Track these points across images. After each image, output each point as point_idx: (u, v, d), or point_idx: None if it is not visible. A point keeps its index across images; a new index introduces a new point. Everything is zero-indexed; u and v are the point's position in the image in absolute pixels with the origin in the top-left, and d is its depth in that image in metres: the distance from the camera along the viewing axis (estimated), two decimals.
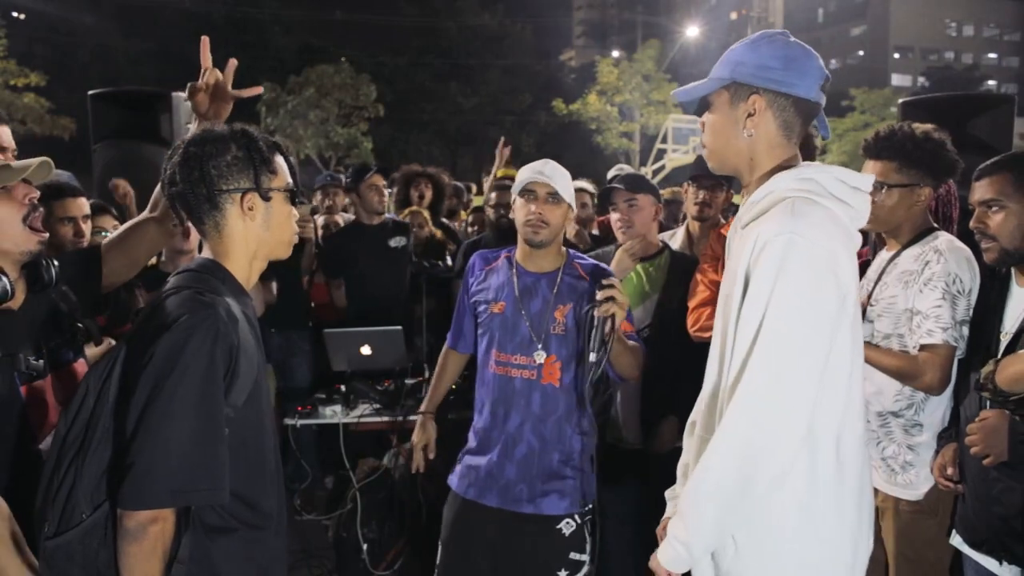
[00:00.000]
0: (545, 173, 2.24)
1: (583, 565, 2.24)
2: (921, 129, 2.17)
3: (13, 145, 2.15)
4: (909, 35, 46.85)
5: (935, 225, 2.24)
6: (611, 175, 4.82)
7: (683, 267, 2.79)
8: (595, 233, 4.27)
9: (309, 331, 4.27)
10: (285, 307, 3.88)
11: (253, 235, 1.54)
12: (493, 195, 3.93)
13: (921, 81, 42.07)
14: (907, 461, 2.15)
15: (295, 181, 1.61)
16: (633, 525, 2.65)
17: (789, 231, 1.37)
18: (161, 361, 1.34)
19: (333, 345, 3.59)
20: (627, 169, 5.21)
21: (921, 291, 2.08)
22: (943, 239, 2.14)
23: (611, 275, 2.19)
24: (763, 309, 1.38)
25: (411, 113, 30.99)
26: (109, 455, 1.38)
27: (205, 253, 1.56)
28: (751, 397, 1.38)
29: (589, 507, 2.27)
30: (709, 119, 1.57)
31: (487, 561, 2.26)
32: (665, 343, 2.67)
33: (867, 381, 2.18)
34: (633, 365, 2.23)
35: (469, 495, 2.28)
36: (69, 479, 1.39)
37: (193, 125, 1.88)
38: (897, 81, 43.45)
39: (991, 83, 41.95)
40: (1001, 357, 1.90)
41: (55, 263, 1.77)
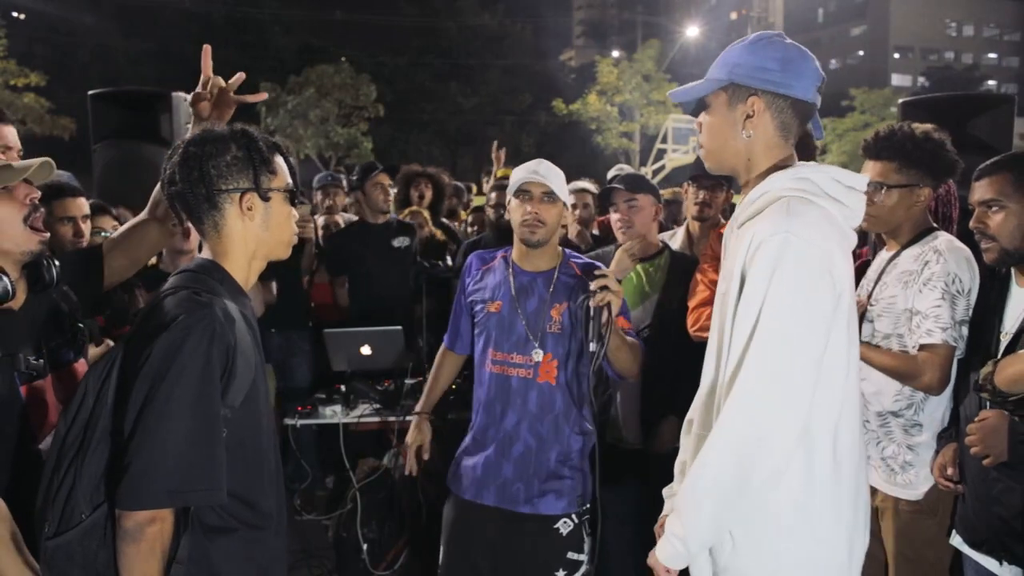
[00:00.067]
0: (540, 172, 2.24)
1: (581, 565, 2.24)
2: (921, 129, 2.17)
3: (18, 145, 2.16)
4: (909, 35, 46.83)
5: (935, 225, 2.24)
6: (611, 175, 4.82)
7: (683, 267, 2.79)
8: (595, 233, 4.27)
9: (309, 331, 4.27)
10: (285, 307, 3.88)
11: (252, 235, 1.54)
12: (493, 195, 3.93)
13: (921, 81, 42.06)
14: (907, 461, 2.15)
15: (295, 181, 1.61)
16: (633, 525, 2.65)
17: (784, 230, 1.38)
18: (158, 361, 1.34)
19: (333, 345, 3.59)
20: (627, 169, 5.21)
21: (920, 291, 2.09)
22: (943, 239, 2.14)
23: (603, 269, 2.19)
24: (759, 308, 1.39)
25: (411, 113, 30.98)
26: (108, 455, 1.38)
27: (204, 253, 1.56)
28: (747, 395, 1.39)
29: (587, 507, 2.27)
30: (707, 120, 1.57)
31: (488, 561, 2.26)
32: (665, 343, 2.67)
33: (867, 381, 2.19)
34: (632, 361, 2.22)
35: (467, 495, 2.28)
36: (69, 479, 1.39)
37: (192, 127, 1.88)
38: (897, 81, 43.42)
39: (991, 83, 41.94)
40: (1000, 358, 1.90)
41: (56, 263, 1.78)
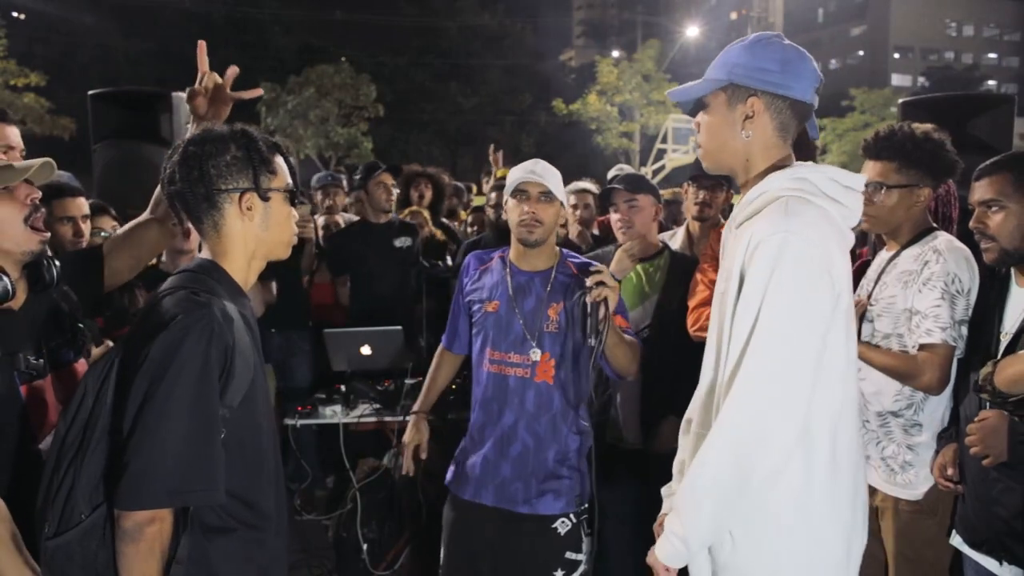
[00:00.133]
0: (537, 172, 2.24)
1: (579, 565, 2.24)
2: (921, 129, 2.17)
3: (21, 145, 2.16)
4: (909, 35, 46.80)
5: (935, 225, 2.24)
6: (611, 175, 4.82)
7: (683, 267, 2.79)
8: (595, 233, 4.27)
9: (309, 331, 4.27)
10: (285, 307, 3.88)
11: (251, 235, 1.54)
12: (493, 195, 3.94)
13: (921, 81, 42.03)
14: (906, 461, 2.15)
15: (295, 182, 1.61)
16: (633, 525, 2.65)
17: (784, 230, 1.39)
18: (156, 362, 1.34)
19: (333, 345, 3.59)
20: (627, 169, 5.20)
21: (920, 291, 2.09)
22: (942, 239, 2.14)
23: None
24: (758, 307, 1.39)
25: (411, 113, 30.96)
26: (107, 455, 1.38)
27: (204, 253, 1.56)
28: (747, 394, 1.40)
29: (585, 507, 2.27)
30: (705, 119, 1.58)
31: (488, 562, 2.26)
32: (665, 343, 2.67)
33: (867, 381, 2.19)
34: (629, 359, 2.21)
35: (466, 495, 2.29)
36: (68, 480, 1.39)
37: (192, 126, 1.88)
38: (897, 81, 43.39)
39: (991, 83, 41.90)
40: (1000, 358, 1.90)
41: (56, 263, 1.78)
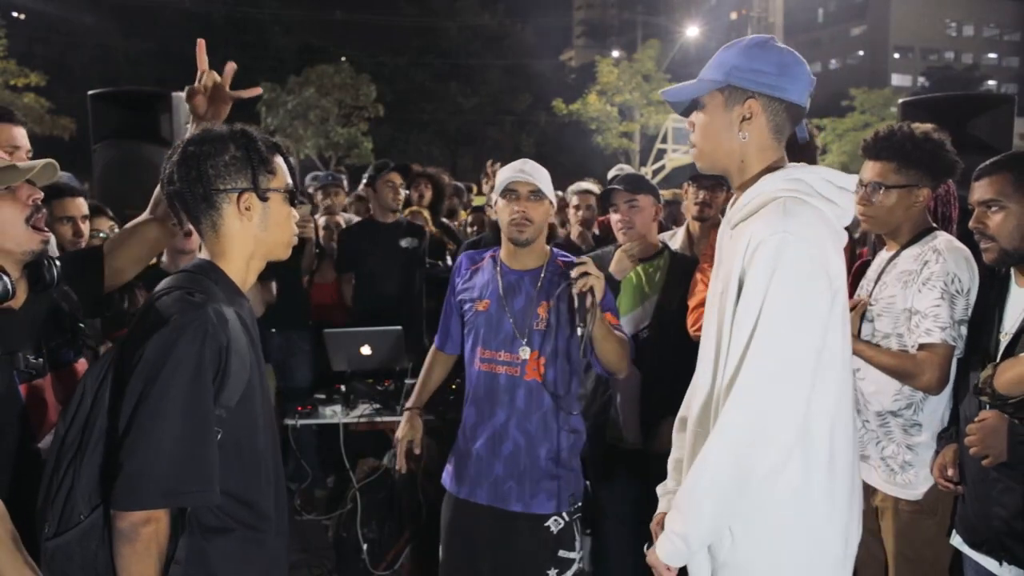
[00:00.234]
0: (526, 171, 2.26)
1: (573, 563, 2.25)
2: (920, 129, 2.17)
3: (27, 145, 2.17)
4: (909, 35, 46.79)
5: (934, 225, 2.24)
6: (611, 175, 4.82)
7: (683, 268, 2.79)
8: (595, 233, 4.27)
9: (309, 331, 4.27)
10: (285, 307, 3.88)
11: (250, 235, 1.54)
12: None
13: (921, 81, 42.01)
14: (906, 461, 2.15)
15: (295, 182, 1.61)
16: (632, 525, 2.65)
17: (782, 231, 1.40)
18: (150, 362, 1.34)
19: (333, 345, 3.59)
20: (627, 169, 5.20)
21: (920, 291, 2.09)
22: (942, 239, 2.14)
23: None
24: (758, 307, 1.40)
25: (411, 113, 30.94)
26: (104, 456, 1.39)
27: (203, 254, 1.56)
28: (748, 393, 1.41)
29: (579, 505, 2.28)
30: (701, 120, 1.58)
31: (487, 561, 2.27)
32: (665, 343, 2.68)
33: (866, 380, 2.19)
34: (619, 355, 2.20)
35: (461, 494, 2.30)
36: (68, 480, 1.39)
37: (191, 126, 1.88)
38: (897, 81, 43.37)
39: (991, 83, 41.87)
40: (1000, 360, 1.90)
41: (56, 263, 1.78)
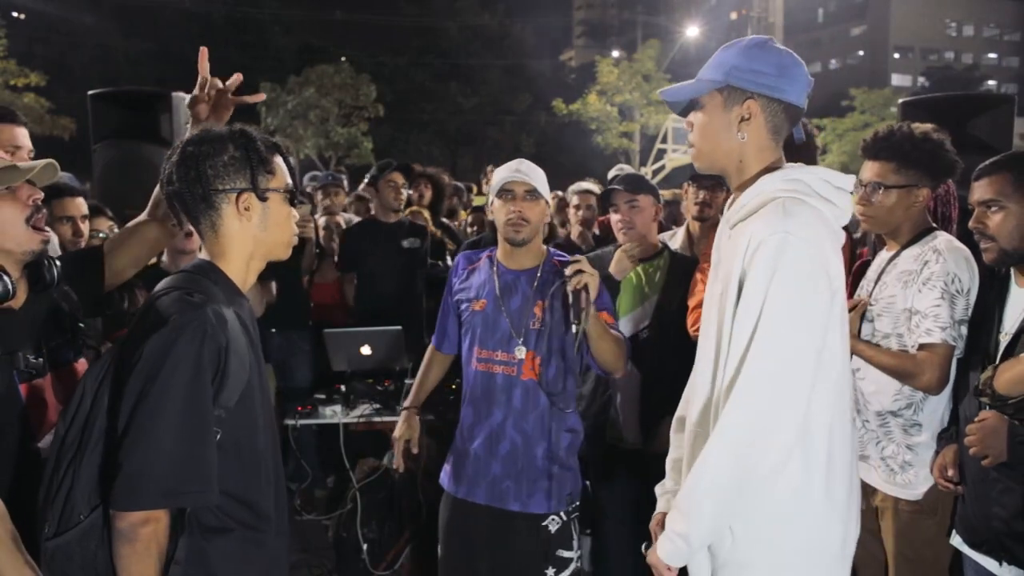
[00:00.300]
0: (522, 171, 2.26)
1: (571, 562, 2.26)
2: (920, 129, 2.17)
3: (30, 146, 2.17)
4: (909, 35, 46.77)
5: (934, 225, 2.24)
6: (611, 175, 4.82)
7: (683, 268, 2.80)
8: (595, 233, 4.27)
9: (309, 331, 4.27)
10: (285, 307, 3.88)
11: (250, 235, 1.54)
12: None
13: (921, 81, 41.99)
14: (906, 461, 2.15)
15: (295, 182, 1.61)
16: (632, 525, 2.66)
17: (783, 231, 1.41)
18: (149, 363, 1.34)
19: (333, 345, 3.59)
20: (627, 169, 5.21)
21: (920, 291, 2.09)
22: (942, 239, 2.14)
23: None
24: (759, 307, 1.41)
25: (411, 113, 30.94)
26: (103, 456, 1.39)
27: (203, 254, 1.56)
28: (749, 394, 1.41)
29: (576, 504, 2.28)
30: (699, 119, 1.59)
31: (485, 561, 2.27)
32: (665, 343, 2.68)
33: (866, 380, 2.19)
34: (615, 354, 2.20)
35: (460, 494, 2.31)
36: (68, 480, 1.39)
37: (190, 127, 1.88)
38: (897, 81, 43.34)
39: (991, 83, 41.85)
40: (1000, 360, 1.89)
41: (56, 263, 1.78)
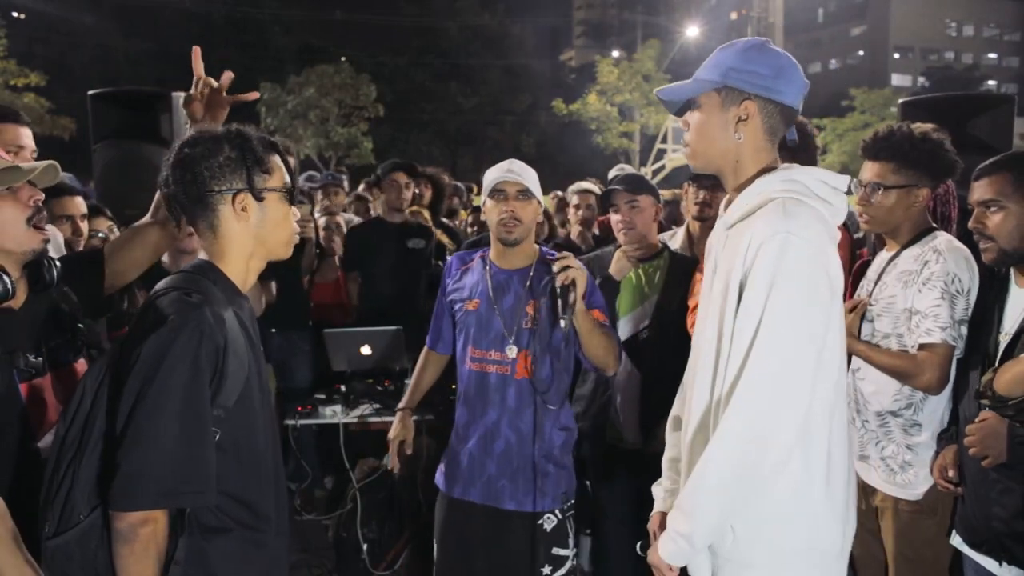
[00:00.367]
0: (514, 171, 2.26)
1: (566, 560, 2.27)
2: (920, 129, 2.17)
3: (32, 146, 2.17)
4: (909, 35, 46.80)
5: (934, 225, 2.24)
6: (611, 175, 4.82)
7: (682, 268, 2.79)
8: (595, 233, 4.27)
9: (309, 331, 4.27)
10: (285, 307, 3.87)
11: (248, 235, 1.54)
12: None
13: (921, 81, 42.02)
14: (906, 461, 2.15)
15: (293, 181, 1.61)
16: (632, 525, 2.65)
17: (784, 231, 1.41)
18: (147, 363, 1.34)
19: (333, 345, 3.59)
20: (627, 169, 5.21)
21: (920, 291, 2.09)
22: (942, 239, 2.14)
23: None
24: (761, 307, 1.41)
25: (411, 113, 30.98)
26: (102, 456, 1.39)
27: (202, 254, 1.57)
28: (752, 393, 1.41)
29: (572, 502, 2.29)
30: (696, 119, 1.59)
31: (481, 560, 2.28)
32: (664, 344, 2.67)
33: (866, 380, 2.19)
34: (606, 350, 2.21)
35: (455, 493, 2.31)
36: (67, 480, 1.39)
37: (188, 127, 1.88)
38: (897, 81, 43.37)
39: (991, 83, 41.86)
40: (999, 360, 1.89)
41: (56, 263, 1.78)
